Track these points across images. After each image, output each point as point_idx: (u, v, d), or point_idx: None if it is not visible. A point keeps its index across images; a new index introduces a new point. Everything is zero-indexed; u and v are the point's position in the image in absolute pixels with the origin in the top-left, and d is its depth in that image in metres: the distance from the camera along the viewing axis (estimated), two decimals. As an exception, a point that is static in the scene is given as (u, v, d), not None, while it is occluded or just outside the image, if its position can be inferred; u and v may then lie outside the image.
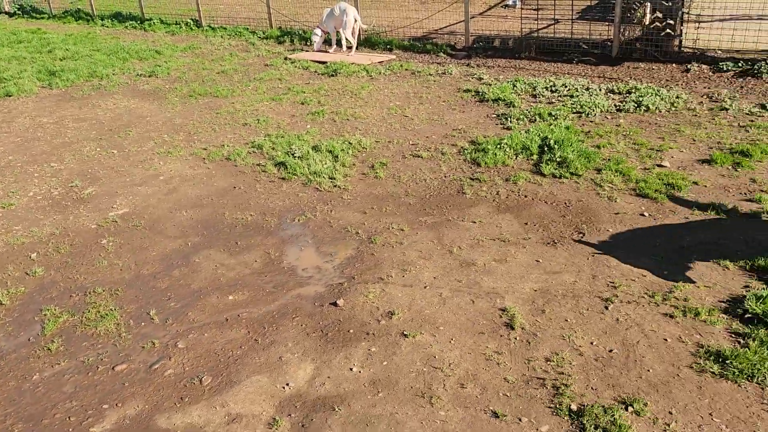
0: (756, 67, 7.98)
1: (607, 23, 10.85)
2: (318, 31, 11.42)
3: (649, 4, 8.79)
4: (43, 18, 19.05)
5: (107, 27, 16.59)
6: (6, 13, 20.72)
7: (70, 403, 3.23)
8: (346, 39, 11.12)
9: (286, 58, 11.18)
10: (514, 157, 5.99)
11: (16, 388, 3.35)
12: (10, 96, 9.69)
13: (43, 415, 3.16)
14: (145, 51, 12.47)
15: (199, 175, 6.20)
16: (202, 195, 5.72)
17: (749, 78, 7.93)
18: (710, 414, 2.89)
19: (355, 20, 10.92)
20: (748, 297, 3.60)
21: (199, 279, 4.33)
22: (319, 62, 10.66)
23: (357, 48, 11.23)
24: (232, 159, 6.51)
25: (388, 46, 11.55)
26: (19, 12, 20.04)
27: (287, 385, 3.26)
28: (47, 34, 15.53)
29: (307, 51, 11.73)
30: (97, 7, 18.14)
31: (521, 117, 7.07)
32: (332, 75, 9.84)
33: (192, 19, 15.45)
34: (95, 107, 8.83)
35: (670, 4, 8.51)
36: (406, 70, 9.84)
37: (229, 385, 3.29)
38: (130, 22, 16.47)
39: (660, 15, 8.74)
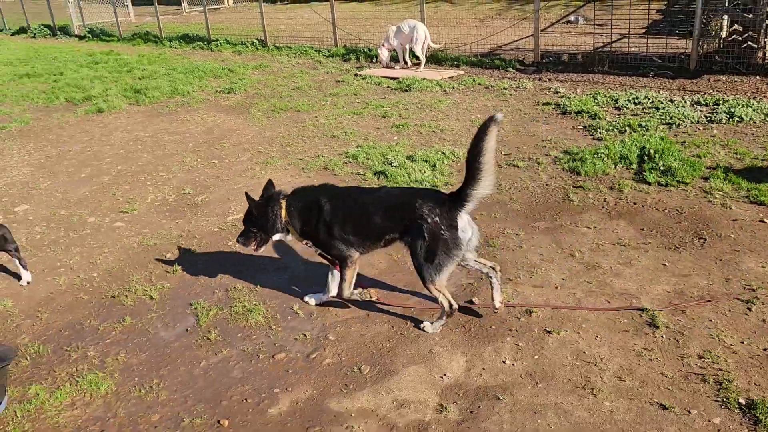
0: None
1: (676, 37, 10.91)
2: (383, 49, 11.73)
3: (727, 17, 8.84)
4: (112, 40, 19.92)
5: (175, 48, 17.28)
6: (77, 36, 21.72)
7: (242, 386, 3.44)
8: (416, 55, 11.40)
9: (356, 75, 11.50)
10: (613, 166, 6.09)
11: (188, 373, 3.58)
12: (102, 112, 10.20)
13: (220, 396, 3.37)
14: (218, 70, 12.97)
15: (300, 183, 6.44)
16: (311, 202, 5.96)
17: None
18: None
19: (426, 36, 11.20)
20: None
21: (323, 282, 4.53)
22: (390, 78, 10.95)
23: (424, 64, 11.50)
24: (329, 168, 6.75)
25: (455, 62, 11.79)
26: (89, 35, 20.97)
27: (444, 375, 3.41)
28: (121, 55, 16.25)
29: (374, 68, 12.04)
30: (165, 30, 18.89)
31: (610, 128, 7.17)
32: (406, 90, 10.09)
33: (257, 39, 16.00)
34: (185, 122, 9.23)
35: (753, 16, 8.54)
36: (479, 84, 10.04)
37: (388, 374, 3.46)
38: (197, 43, 17.12)
39: (739, 27, 8.77)
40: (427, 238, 3.50)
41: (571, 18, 13.96)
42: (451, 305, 3.67)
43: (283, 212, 3.90)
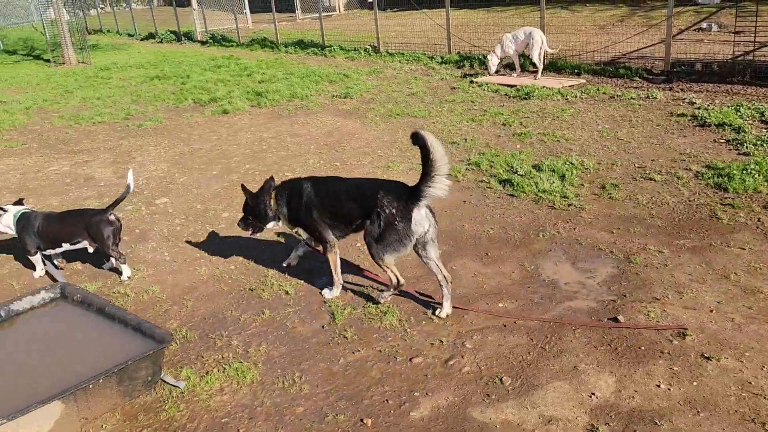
0: None
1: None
2: (494, 56, 11.56)
3: None
4: (231, 45, 20.99)
5: (291, 53, 17.93)
6: (199, 41, 23.08)
7: (381, 387, 3.43)
8: (533, 62, 11.14)
9: (471, 82, 11.40)
10: (765, 183, 5.62)
11: (328, 369, 3.62)
12: (227, 113, 10.72)
13: (360, 395, 3.38)
14: (333, 75, 13.30)
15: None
16: (435, 207, 5.87)
17: None
18: None
19: (542, 42, 10.91)
20: None
21: (462, 285, 4.46)
22: (508, 85, 10.75)
23: (542, 72, 11.21)
24: (452, 175, 6.68)
25: (575, 70, 11.40)
26: (211, 40, 22.23)
27: (593, 394, 3.24)
28: (240, 60, 17.07)
29: (490, 75, 11.88)
30: (280, 36, 19.65)
31: (758, 143, 6.63)
32: (525, 98, 9.87)
33: (370, 46, 16.28)
34: (305, 124, 9.51)
35: None
36: (603, 93, 9.64)
37: (532, 388, 3.34)
38: (312, 49, 17.67)
39: None
40: (383, 224, 3.90)
41: (704, 25, 13.12)
42: (398, 280, 4.08)
43: (273, 202, 4.37)
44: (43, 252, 4.96)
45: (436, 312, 4.07)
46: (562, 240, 5.03)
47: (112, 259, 4.90)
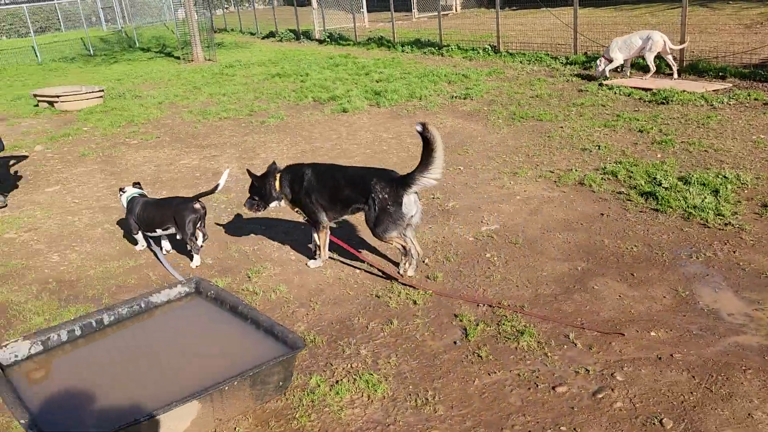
0: None
1: None
2: (603, 60, 10.98)
3: None
4: (348, 44, 21.29)
5: (407, 53, 17.87)
6: (317, 40, 23.65)
7: (522, 416, 3.16)
8: (669, 65, 10.35)
9: (601, 84, 10.74)
10: None
11: (462, 390, 3.40)
12: (346, 112, 10.78)
13: (500, 423, 3.13)
14: (452, 75, 13.05)
15: (557, 197, 6.04)
16: (569, 219, 5.53)
17: None
18: None
19: (665, 43, 10.11)
20: None
21: (605, 308, 4.08)
22: (642, 89, 10.01)
23: (678, 74, 10.36)
24: (586, 184, 6.25)
25: (720, 74, 10.43)
26: (328, 39, 22.69)
27: (776, 451, 2.79)
28: (357, 59, 17.23)
29: (621, 78, 11.15)
30: (397, 35, 19.66)
31: None
32: (663, 102, 9.13)
33: (489, 45, 15.87)
34: (425, 125, 9.32)
35: None
36: (755, 99, 8.72)
37: (698, 435, 2.93)
38: (428, 48, 17.50)
39: None
40: (377, 209, 4.36)
41: None
42: (404, 247, 4.52)
43: (277, 184, 4.82)
44: (146, 234, 5.47)
45: (400, 271, 4.62)
46: (720, 264, 4.49)
47: (196, 256, 5.20)
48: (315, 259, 5.03)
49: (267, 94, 13.25)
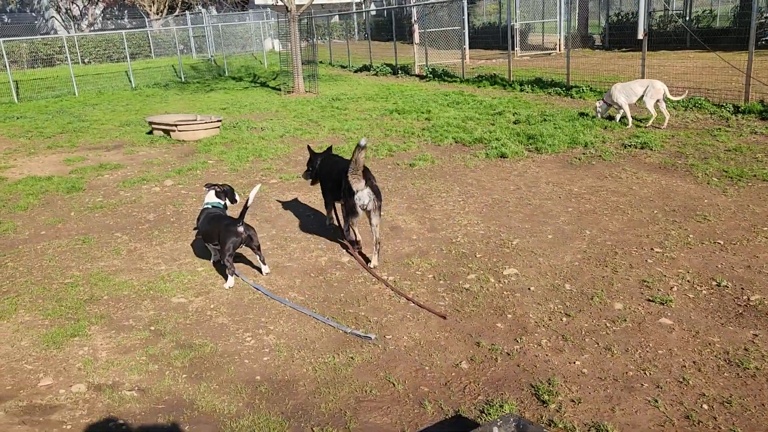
0: None
1: None
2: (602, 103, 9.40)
3: None
4: (455, 81, 20.15)
5: (527, 92, 16.57)
6: (417, 75, 22.66)
7: None
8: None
9: (807, 139, 9.11)
10: None
11: None
12: (504, 157, 9.49)
13: None
14: (603, 120, 11.63)
15: None
16: None
17: None
18: None
19: (664, 92, 8.47)
20: None
21: None
22: None
23: None
24: None
25: None
26: (431, 75, 21.63)
27: None
28: (475, 96, 16.05)
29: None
30: (513, 73, 18.41)
31: None
32: None
33: (631, 88, 14.38)
34: (618, 179, 7.92)
35: None
36: None
37: None
38: (554, 89, 16.17)
39: None
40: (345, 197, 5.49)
41: None
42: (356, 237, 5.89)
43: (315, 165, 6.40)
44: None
45: (370, 264, 5.46)
46: None
47: (264, 266, 5.52)
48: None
49: (395, 131, 12.13)
